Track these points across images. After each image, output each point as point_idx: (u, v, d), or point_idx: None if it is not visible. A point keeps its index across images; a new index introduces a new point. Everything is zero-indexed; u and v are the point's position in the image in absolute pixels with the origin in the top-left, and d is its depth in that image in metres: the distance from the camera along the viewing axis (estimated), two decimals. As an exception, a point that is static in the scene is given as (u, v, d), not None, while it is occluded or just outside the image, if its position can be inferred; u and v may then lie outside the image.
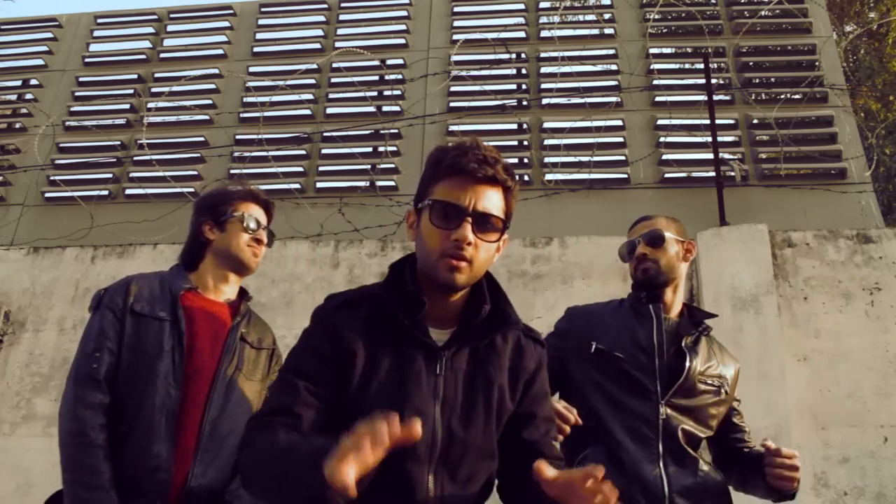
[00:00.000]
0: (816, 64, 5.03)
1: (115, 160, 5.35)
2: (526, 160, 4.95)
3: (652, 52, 5.32)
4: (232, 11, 5.84)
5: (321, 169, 5.12)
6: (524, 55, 5.34)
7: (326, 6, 5.76)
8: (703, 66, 4.81)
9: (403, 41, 5.52)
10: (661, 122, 4.92)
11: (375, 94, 5.30)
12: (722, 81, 5.04)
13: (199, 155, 5.24)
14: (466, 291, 1.42)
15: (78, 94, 5.66)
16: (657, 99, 5.05)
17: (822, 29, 5.21)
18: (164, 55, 5.77)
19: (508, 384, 1.42)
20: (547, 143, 4.96)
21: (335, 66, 5.41)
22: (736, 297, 3.71)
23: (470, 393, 1.38)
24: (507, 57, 5.25)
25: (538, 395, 1.48)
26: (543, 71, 5.28)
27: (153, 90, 5.58)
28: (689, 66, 5.74)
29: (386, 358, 1.34)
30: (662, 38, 5.83)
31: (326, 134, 5.17)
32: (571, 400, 1.95)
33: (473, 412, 1.37)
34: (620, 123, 4.98)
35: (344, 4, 5.79)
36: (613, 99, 5.07)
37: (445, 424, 1.34)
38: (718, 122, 4.64)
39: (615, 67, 5.19)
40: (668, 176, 4.82)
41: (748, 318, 3.65)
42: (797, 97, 4.98)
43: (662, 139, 4.86)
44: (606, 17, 5.49)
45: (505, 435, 1.43)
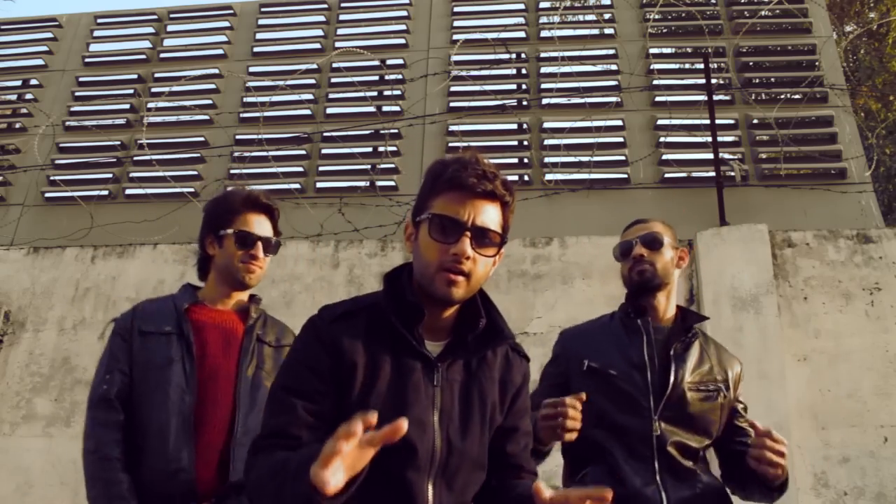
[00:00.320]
0: (816, 64, 5.03)
1: (115, 160, 5.35)
2: (526, 160, 4.94)
3: (652, 52, 5.32)
4: (232, 11, 5.83)
5: (321, 169, 5.12)
6: (524, 55, 5.34)
7: (326, 6, 5.76)
8: (703, 66, 4.81)
9: (403, 41, 5.52)
10: (661, 122, 4.92)
11: (375, 94, 5.30)
12: (722, 81, 5.04)
13: (199, 155, 5.24)
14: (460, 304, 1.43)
15: (78, 94, 5.66)
16: (657, 99, 5.05)
17: (822, 29, 5.21)
18: (164, 55, 5.77)
19: (499, 397, 1.44)
20: (547, 143, 4.96)
21: (335, 66, 5.41)
22: (736, 297, 3.71)
23: (465, 404, 1.39)
24: (507, 57, 5.25)
25: (521, 409, 1.50)
26: (543, 71, 5.28)
27: (153, 90, 5.58)
28: (689, 66, 5.75)
29: (385, 368, 1.35)
30: (662, 38, 5.84)
31: (326, 134, 5.17)
32: None
33: (470, 423, 1.38)
34: (620, 123, 4.98)
35: (344, 4, 5.79)
36: (613, 99, 5.07)
37: (444, 434, 1.35)
38: (718, 122, 4.64)
39: (615, 67, 5.19)
40: (668, 176, 4.82)
41: (748, 318, 3.65)
42: (797, 97, 4.98)
43: (662, 139, 4.86)
44: (606, 17, 5.49)
45: (489, 447, 1.44)
